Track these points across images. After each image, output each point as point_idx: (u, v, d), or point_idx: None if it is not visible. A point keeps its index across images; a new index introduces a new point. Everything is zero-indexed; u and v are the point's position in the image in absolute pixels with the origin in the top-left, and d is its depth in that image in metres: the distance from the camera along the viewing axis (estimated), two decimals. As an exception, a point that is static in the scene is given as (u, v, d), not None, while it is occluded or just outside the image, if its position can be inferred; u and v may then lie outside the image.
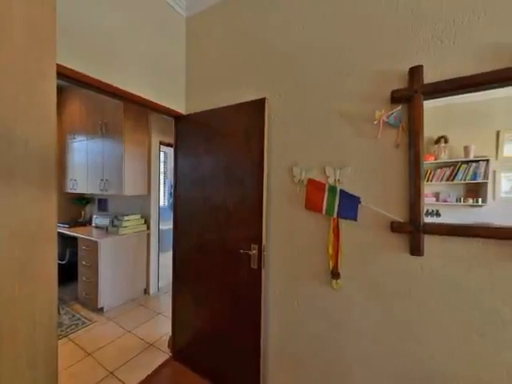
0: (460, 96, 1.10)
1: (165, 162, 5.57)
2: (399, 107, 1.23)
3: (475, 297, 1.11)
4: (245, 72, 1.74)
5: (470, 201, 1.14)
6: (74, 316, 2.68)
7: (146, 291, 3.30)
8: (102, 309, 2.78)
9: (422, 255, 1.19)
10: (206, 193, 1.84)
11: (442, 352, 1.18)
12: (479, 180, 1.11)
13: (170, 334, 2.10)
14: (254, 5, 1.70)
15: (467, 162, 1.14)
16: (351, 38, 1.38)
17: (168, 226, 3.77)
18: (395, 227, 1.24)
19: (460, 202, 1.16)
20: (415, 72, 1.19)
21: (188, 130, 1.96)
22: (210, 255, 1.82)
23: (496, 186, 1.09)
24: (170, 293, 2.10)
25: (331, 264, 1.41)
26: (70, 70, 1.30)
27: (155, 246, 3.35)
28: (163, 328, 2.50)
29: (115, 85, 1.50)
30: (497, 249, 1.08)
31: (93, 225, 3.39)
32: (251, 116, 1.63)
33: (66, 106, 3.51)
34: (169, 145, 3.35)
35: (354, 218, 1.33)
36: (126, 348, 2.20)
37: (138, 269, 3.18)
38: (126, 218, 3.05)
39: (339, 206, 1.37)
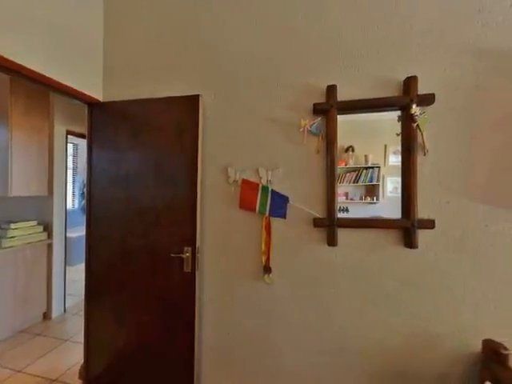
0: (363, 114, 1.37)
1: (74, 156, 4.64)
2: (319, 118, 1.42)
3: (371, 275, 1.40)
4: (179, 65, 1.65)
5: (369, 199, 1.43)
6: None
7: (47, 316, 2.66)
8: (-28, 349, 2.07)
9: (336, 245, 1.41)
10: (130, 192, 1.63)
11: (349, 323, 1.42)
12: (374, 182, 1.42)
13: (83, 361, 1.76)
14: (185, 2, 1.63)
15: (367, 168, 1.43)
16: (282, 50, 1.50)
17: (79, 232, 3.17)
18: (317, 223, 1.42)
19: (362, 200, 1.44)
20: (331, 90, 1.40)
21: (107, 120, 1.70)
22: (136, 262, 1.63)
23: (384, 188, 1.40)
24: (82, 313, 1.76)
25: (264, 260, 1.49)
26: None
27: (60, 259, 2.74)
28: (72, 357, 2.07)
29: (-2, 52, 1.15)
30: (385, 236, 1.38)
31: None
32: (184, 112, 1.55)
33: None
34: (80, 135, 2.81)
35: (284, 216, 1.45)
36: (13, 393, 1.71)
37: (34, 289, 2.52)
38: (12, 226, 2.38)
39: (271, 205, 1.47)
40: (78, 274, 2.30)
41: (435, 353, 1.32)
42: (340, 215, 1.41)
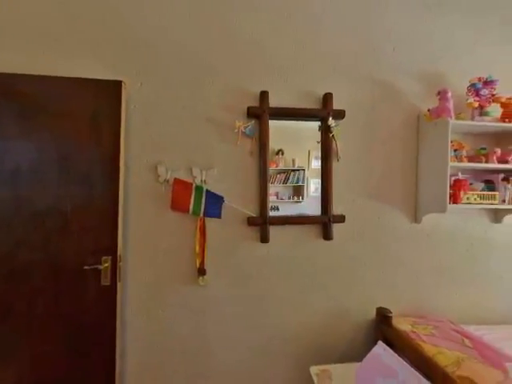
0: (291, 121, 1.52)
1: None
2: (253, 121, 1.48)
3: (297, 266, 1.56)
4: (96, 43, 1.39)
5: (296, 198, 1.60)
6: None
7: None
8: None
9: (268, 242, 1.51)
10: (21, 192, 1.27)
11: (279, 312, 1.54)
12: (300, 183, 1.59)
13: None
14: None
15: (294, 171, 1.58)
16: (217, 49, 1.49)
17: None
18: (251, 221, 1.48)
19: (290, 199, 1.59)
20: (263, 95, 1.48)
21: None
22: (32, 282, 1.28)
23: (308, 188, 1.59)
24: None
25: (198, 262, 1.44)
26: None
27: None
28: None
29: None
30: (308, 231, 1.57)
31: None
32: (102, 98, 1.33)
33: None
34: None
35: (219, 216, 1.44)
36: None
37: None
38: None
39: (205, 205, 1.43)
40: None
41: (346, 324, 1.59)
42: (272, 214, 1.51)
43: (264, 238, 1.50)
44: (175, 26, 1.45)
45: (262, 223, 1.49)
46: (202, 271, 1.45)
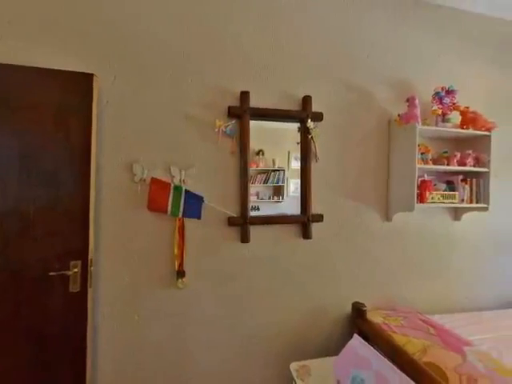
0: (272, 122, 1.53)
1: None
2: (234, 121, 1.47)
3: (277, 265, 1.58)
4: (63, 29, 1.29)
5: (276, 198, 1.61)
6: None
7: None
8: None
9: (249, 242, 1.51)
10: (-27, 193, 1.15)
11: (259, 311, 1.55)
12: (280, 183, 1.61)
13: None
14: None
15: (274, 171, 1.60)
16: (197, 46, 1.45)
17: None
18: (231, 221, 1.47)
19: (271, 199, 1.60)
20: (244, 95, 1.48)
21: None
22: (-14, 291, 1.16)
23: (288, 188, 1.62)
24: None
25: (177, 264, 1.40)
26: None
27: None
28: None
29: None
30: (288, 230, 1.60)
31: None
32: (70, 92, 1.24)
33: None
34: None
35: (199, 217, 1.41)
36: None
37: None
38: None
39: (184, 205, 1.40)
40: None
41: (324, 320, 1.65)
42: (252, 213, 1.51)
43: (244, 238, 1.50)
44: (153, 20, 1.40)
45: (242, 223, 1.48)
46: (180, 273, 1.41)
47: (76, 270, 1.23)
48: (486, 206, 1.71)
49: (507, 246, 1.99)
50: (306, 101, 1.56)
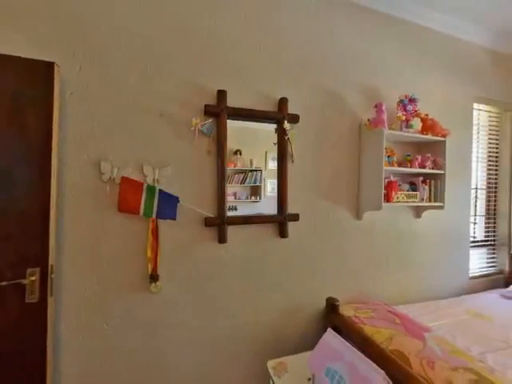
0: (249, 122, 1.53)
1: None
2: (211, 120, 1.45)
3: (255, 265, 1.59)
4: (24, 13, 1.16)
5: (253, 198, 1.62)
6: None
7: None
8: None
9: (226, 242, 1.49)
10: None
11: (237, 312, 1.55)
12: (258, 184, 1.62)
13: None
14: None
15: (252, 171, 1.61)
16: (173, 41, 1.40)
17: None
18: (208, 222, 1.44)
19: (248, 199, 1.60)
20: (221, 94, 1.46)
21: None
22: None
23: (265, 188, 1.64)
24: None
25: (150, 267, 1.34)
26: None
27: None
28: None
29: None
30: (265, 229, 1.61)
31: None
32: (27, 81, 1.12)
33: None
34: None
35: (174, 218, 1.36)
36: None
37: None
38: None
39: (158, 206, 1.34)
40: None
41: (300, 317, 1.69)
42: (230, 214, 1.50)
43: (222, 239, 1.48)
44: (127, 10, 1.32)
45: (219, 223, 1.46)
46: (154, 277, 1.35)
47: (34, 278, 1.11)
48: (442, 204, 1.89)
49: (458, 240, 2.23)
50: (283, 102, 1.59)
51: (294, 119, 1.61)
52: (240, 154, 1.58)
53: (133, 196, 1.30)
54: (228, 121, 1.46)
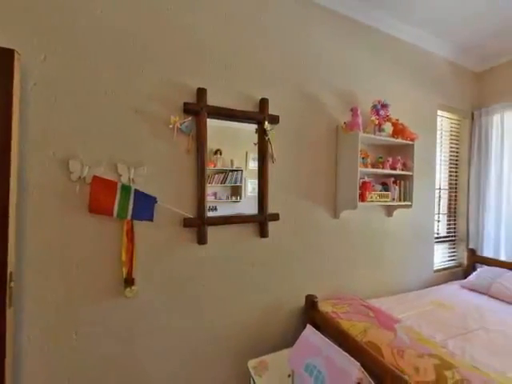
0: (230, 122, 1.52)
1: None
2: (190, 118, 1.41)
3: (235, 265, 1.58)
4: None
5: (234, 198, 1.61)
6: None
7: None
8: None
9: (206, 243, 1.47)
10: None
11: (218, 313, 1.53)
12: (238, 184, 1.61)
13: None
14: None
15: (232, 171, 1.60)
16: (151, 34, 1.34)
17: None
18: (187, 223, 1.41)
19: (228, 199, 1.59)
20: (201, 92, 1.43)
21: None
22: None
23: (246, 188, 1.63)
24: None
25: (125, 271, 1.27)
26: None
27: None
28: None
29: None
30: (246, 229, 1.61)
31: None
32: (-19, 69, 1.00)
33: None
34: None
35: (150, 219, 1.31)
36: None
37: None
38: None
39: (134, 207, 1.28)
40: None
41: (280, 315, 1.71)
42: (210, 214, 1.48)
43: (201, 240, 1.45)
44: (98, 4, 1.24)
45: (199, 224, 1.43)
46: (129, 281, 1.29)
47: (-10, 287, 1.01)
48: (410, 203, 2.03)
49: (424, 237, 2.41)
50: (264, 103, 1.60)
51: (275, 120, 1.63)
52: (220, 153, 1.56)
53: (105, 196, 1.22)
54: (208, 120, 1.44)
